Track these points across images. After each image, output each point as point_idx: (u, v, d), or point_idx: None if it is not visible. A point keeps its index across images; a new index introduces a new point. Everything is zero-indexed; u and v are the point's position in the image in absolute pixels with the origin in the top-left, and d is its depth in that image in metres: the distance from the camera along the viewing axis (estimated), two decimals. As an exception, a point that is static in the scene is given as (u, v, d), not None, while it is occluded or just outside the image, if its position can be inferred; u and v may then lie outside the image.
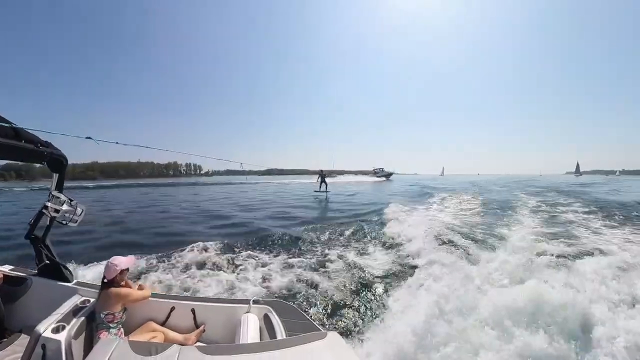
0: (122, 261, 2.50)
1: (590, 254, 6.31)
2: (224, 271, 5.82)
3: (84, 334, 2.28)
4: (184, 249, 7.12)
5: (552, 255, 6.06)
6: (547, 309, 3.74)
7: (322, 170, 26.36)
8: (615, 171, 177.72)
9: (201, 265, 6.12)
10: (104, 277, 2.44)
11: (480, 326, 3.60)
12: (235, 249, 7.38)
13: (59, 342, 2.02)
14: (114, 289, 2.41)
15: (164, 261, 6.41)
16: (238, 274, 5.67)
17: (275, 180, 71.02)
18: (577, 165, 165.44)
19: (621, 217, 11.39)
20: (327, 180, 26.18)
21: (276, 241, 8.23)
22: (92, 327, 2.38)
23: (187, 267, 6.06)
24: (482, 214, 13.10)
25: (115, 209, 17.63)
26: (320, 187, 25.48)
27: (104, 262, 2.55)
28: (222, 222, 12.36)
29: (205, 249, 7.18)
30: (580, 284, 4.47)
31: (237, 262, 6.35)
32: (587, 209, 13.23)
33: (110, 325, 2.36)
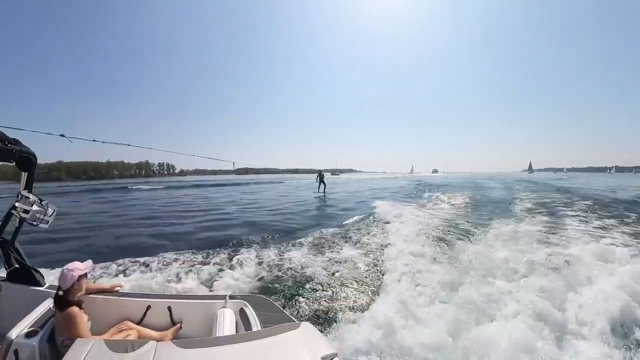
0: (78, 267, 2.19)
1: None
2: (201, 269, 5.74)
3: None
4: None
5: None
6: None
7: (320, 171, 25.01)
8: (563, 169, 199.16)
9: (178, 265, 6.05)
10: (59, 288, 2.13)
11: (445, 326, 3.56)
12: (215, 245, 7.39)
13: (32, 346, 1.93)
14: (69, 313, 2.04)
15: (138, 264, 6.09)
16: (218, 271, 5.61)
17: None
18: (530, 164, 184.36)
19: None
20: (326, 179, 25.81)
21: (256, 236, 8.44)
22: None
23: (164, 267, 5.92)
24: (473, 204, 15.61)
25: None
26: (319, 188, 24.29)
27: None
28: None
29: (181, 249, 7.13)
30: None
31: (215, 259, 6.31)
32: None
33: None
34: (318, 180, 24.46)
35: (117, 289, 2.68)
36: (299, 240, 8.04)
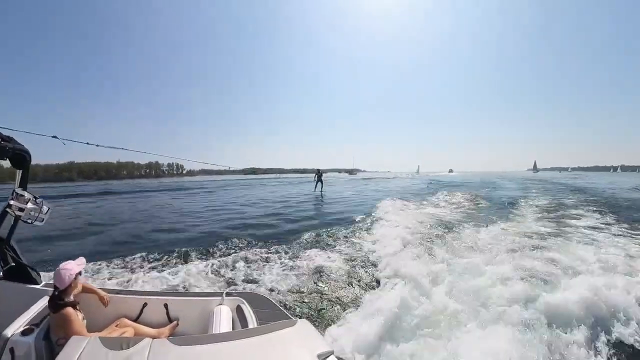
0: (73, 265, 2.19)
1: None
2: (200, 267, 5.73)
3: None
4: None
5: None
6: None
7: (319, 170, 25.03)
8: (568, 168, 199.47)
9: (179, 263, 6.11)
10: (55, 288, 2.11)
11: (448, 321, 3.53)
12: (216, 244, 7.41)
13: (28, 344, 1.92)
14: (64, 314, 2.04)
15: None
16: (214, 272, 5.58)
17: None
18: (535, 164, 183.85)
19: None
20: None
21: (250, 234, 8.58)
22: None
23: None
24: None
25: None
26: (315, 187, 24.24)
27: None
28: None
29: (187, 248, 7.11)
30: None
31: (213, 258, 6.29)
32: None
33: None
34: (315, 179, 24.56)
35: (106, 298, 2.51)
36: (301, 237, 8.27)
